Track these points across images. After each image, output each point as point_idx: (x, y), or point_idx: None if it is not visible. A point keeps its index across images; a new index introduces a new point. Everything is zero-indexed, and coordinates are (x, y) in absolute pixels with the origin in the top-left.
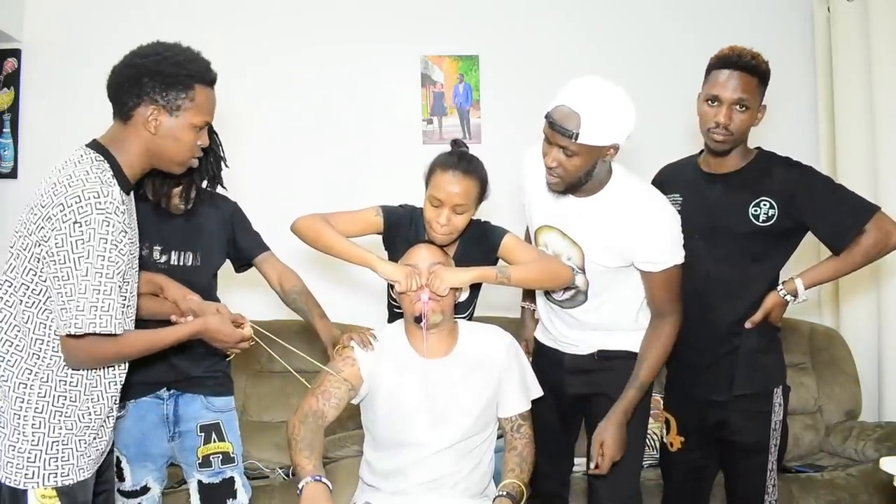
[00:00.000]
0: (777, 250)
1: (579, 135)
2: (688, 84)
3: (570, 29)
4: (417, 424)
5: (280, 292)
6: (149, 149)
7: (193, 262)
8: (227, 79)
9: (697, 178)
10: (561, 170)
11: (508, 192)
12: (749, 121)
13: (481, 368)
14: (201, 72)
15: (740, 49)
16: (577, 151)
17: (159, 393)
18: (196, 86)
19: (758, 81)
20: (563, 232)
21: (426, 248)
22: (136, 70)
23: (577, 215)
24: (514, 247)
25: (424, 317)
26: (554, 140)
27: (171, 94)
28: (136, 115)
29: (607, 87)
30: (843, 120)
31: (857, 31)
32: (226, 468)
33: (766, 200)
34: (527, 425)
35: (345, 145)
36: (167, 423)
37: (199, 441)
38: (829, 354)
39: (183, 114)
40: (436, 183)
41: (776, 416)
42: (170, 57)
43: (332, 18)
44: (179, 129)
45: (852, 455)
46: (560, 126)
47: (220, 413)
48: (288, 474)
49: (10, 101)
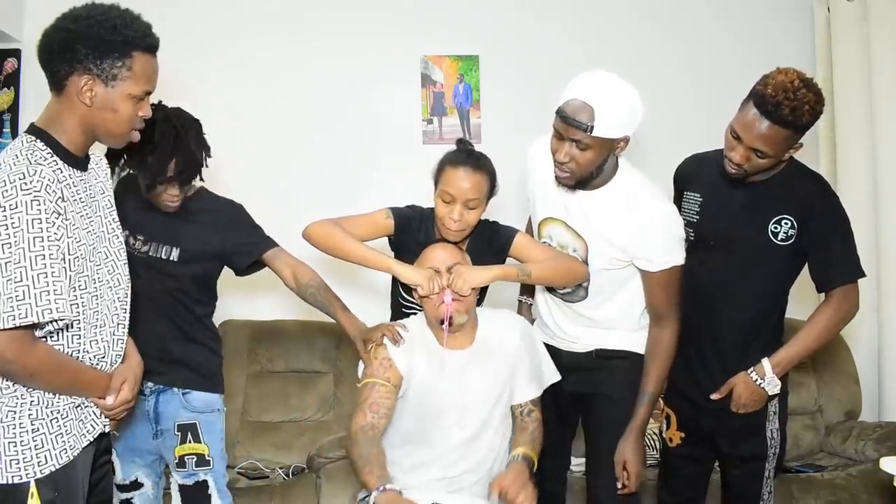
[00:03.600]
0: (790, 267)
1: (594, 127)
2: (688, 84)
3: (570, 29)
4: (445, 417)
5: (295, 288)
6: (85, 122)
7: (172, 256)
8: (227, 78)
9: (721, 181)
10: (573, 164)
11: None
12: (769, 164)
13: (500, 355)
14: (139, 37)
15: (783, 94)
16: (591, 145)
17: (142, 388)
18: (134, 53)
19: (790, 133)
20: (568, 224)
21: (442, 247)
22: (68, 34)
23: (581, 208)
24: (525, 245)
25: (447, 319)
26: (567, 134)
27: (107, 62)
28: (69, 85)
29: (617, 80)
30: (843, 120)
31: (857, 31)
32: (199, 471)
33: (787, 219)
34: (537, 410)
35: (345, 145)
36: (150, 421)
37: (176, 441)
38: (829, 354)
39: (120, 83)
40: (446, 179)
41: (771, 425)
42: (104, 21)
43: (332, 18)
44: (117, 100)
45: (852, 455)
46: (574, 119)
47: (199, 413)
48: (288, 474)
49: (10, 101)
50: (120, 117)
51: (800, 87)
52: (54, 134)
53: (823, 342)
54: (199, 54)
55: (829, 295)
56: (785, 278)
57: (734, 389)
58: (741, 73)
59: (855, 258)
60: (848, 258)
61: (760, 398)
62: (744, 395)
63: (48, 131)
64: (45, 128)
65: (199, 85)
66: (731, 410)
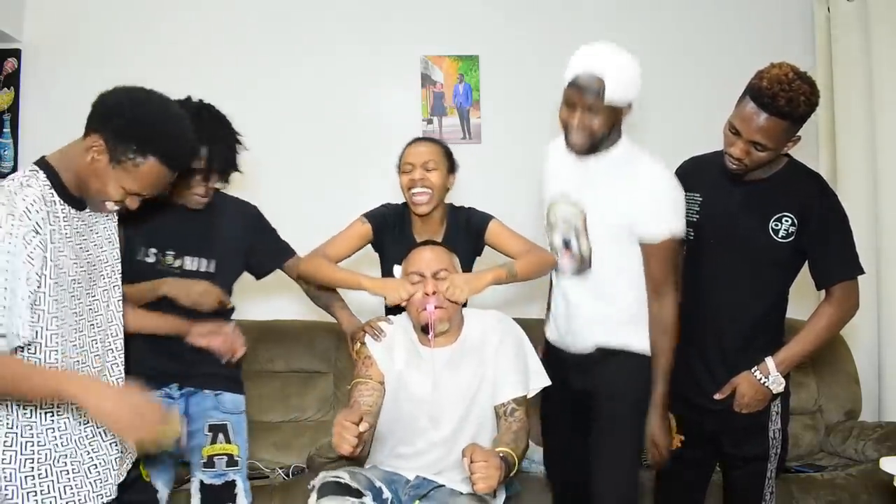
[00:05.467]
0: (791, 265)
1: (605, 93)
2: (688, 84)
3: (570, 29)
4: (422, 415)
5: (305, 289)
6: (78, 173)
7: (208, 268)
8: (227, 78)
9: (721, 181)
10: (586, 131)
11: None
12: (769, 157)
13: (481, 355)
14: (172, 151)
15: (778, 86)
16: (602, 110)
17: (170, 391)
18: (151, 157)
19: (788, 125)
20: (570, 198)
21: (430, 249)
22: (118, 103)
23: (587, 175)
24: (499, 231)
25: (431, 328)
26: (581, 101)
27: (122, 145)
28: (89, 138)
29: (619, 51)
30: (843, 120)
31: (857, 31)
32: (229, 471)
33: (787, 216)
34: (521, 410)
35: (345, 145)
36: None
37: (206, 441)
38: (829, 354)
39: (122, 171)
40: (403, 156)
41: (774, 425)
42: (158, 116)
43: (332, 18)
44: (110, 181)
45: (852, 455)
46: (587, 87)
47: (230, 414)
48: (288, 474)
49: (10, 101)
50: (103, 194)
51: (794, 78)
52: (58, 169)
53: (825, 341)
54: (199, 55)
55: (830, 293)
56: (786, 277)
57: (737, 389)
58: (741, 74)
59: (853, 255)
60: (846, 255)
61: (764, 397)
62: (747, 395)
63: (53, 166)
64: (52, 162)
65: (199, 86)
66: (733, 410)
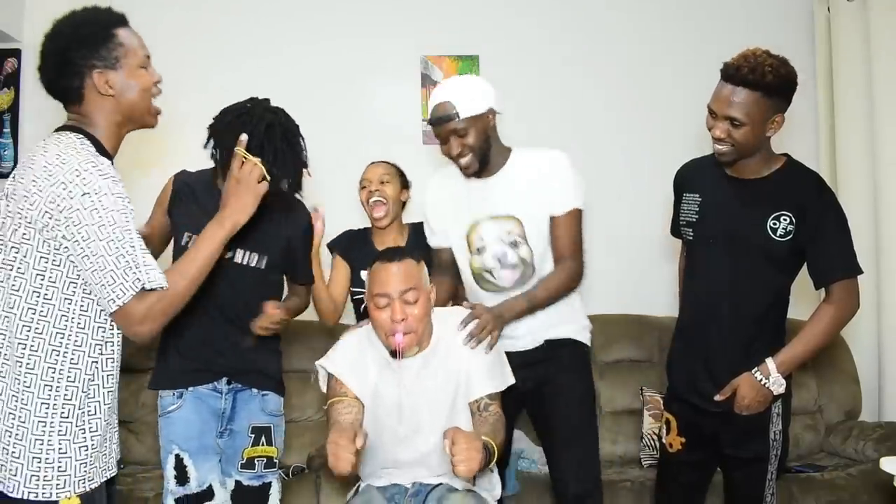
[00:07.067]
0: (791, 263)
1: (459, 110)
2: (688, 84)
3: (570, 29)
4: (398, 424)
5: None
6: (117, 112)
7: (258, 264)
8: (226, 79)
9: (719, 181)
10: (467, 150)
11: None
12: (752, 134)
13: (452, 357)
14: (111, 17)
15: (743, 59)
16: (466, 124)
17: (218, 385)
18: (114, 31)
19: (760, 95)
20: (492, 216)
21: (395, 264)
22: (56, 53)
23: (496, 192)
24: None
25: (399, 356)
26: (446, 130)
27: (102, 51)
28: (87, 90)
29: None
30: (843, 120)
31: (857, 31)
32: (267, 472)
33: (786, 215)
34: (496, 404)
35: (345, 145)
36: (221, 418)
37: (248, 442)
38: (829, 354)
39: (124, 61)
40: (362, 176)
41: (774, 426)
42: (74, 25)
43: (332, 18)
44: (132, 76)
45: (852, 455)
46: (444, 114)
47: (273, 417)
48: (288, 474)
49: (9, 101)
50: (143, 91)
51: (761, 53)
52: (91, 131)
53: (826, 341)
54: (199, 54)
55: (830, 293)
56: (786, 276)
57: (738, 390)
58: None
59: (851, 254)
60: (844, 254)
61: (765, 398)
62: (748, 396)
63: (85, 129)
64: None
65: (198, 85)
66: (734, 412)
